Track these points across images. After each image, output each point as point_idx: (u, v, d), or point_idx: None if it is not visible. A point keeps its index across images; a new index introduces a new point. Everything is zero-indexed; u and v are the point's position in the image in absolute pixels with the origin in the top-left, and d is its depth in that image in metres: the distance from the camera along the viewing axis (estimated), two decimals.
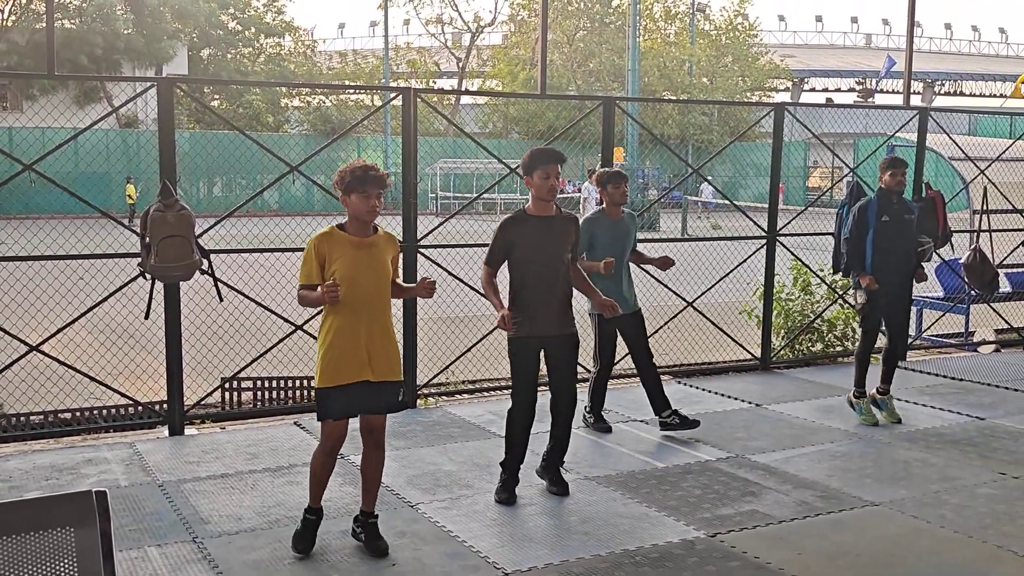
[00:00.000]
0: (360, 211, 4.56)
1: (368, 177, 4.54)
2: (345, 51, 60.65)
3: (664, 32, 51.95)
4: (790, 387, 8.51)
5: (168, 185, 6.43)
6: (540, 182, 5.26)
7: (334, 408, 4.60)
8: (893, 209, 7.11)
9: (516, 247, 5.30)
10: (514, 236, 5.30)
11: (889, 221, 7.08)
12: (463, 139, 35.28)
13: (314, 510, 4.76)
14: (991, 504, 5.53)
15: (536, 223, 5.33)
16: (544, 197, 5.30)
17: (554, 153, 5.33)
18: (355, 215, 4.59)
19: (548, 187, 5.26)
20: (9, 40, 37.44)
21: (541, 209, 5.34)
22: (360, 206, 4.55)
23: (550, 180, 5.25)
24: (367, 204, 4.54)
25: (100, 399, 7.56)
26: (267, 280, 8.97)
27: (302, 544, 4.71)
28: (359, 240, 4.61)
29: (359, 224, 4.62)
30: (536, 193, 5.31)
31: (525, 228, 5.31)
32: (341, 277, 4.50)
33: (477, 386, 8.40)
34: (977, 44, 77.76)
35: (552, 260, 5.35)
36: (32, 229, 12.22)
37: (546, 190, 5.27)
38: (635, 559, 4.69)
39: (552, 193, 5.28)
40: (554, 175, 5.26)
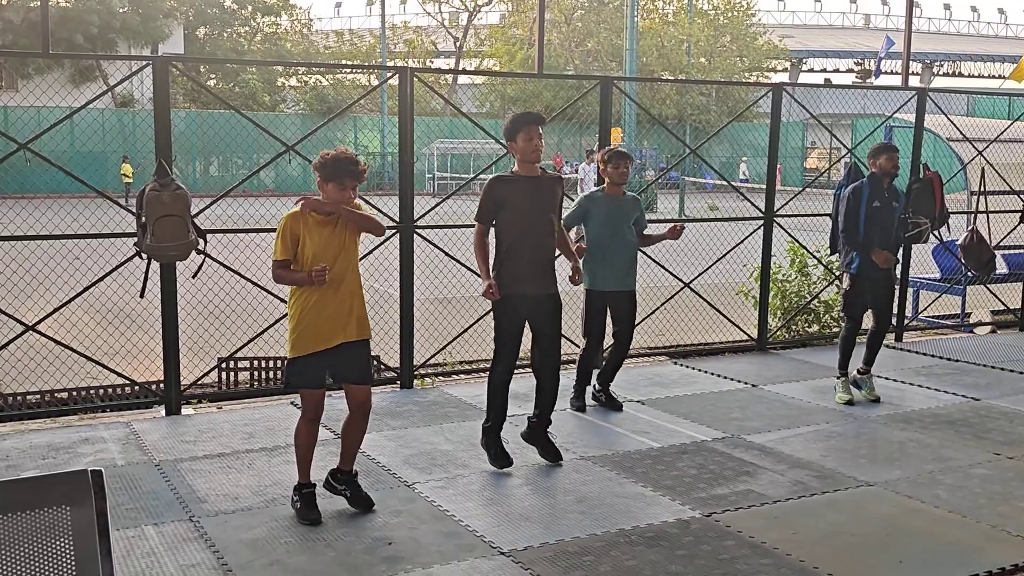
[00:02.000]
0: (336, 200, 4.74)
1: (347, 170, 4.72)
2: (342, 30, 60.38)
3: (662, 12, 51.72)
4: (786, 368, 8.53)
5: (164, 165, 6.41)
6: (524, 144, 5.37)
7: (308, 377, 4.81)
8: (883, 195, 7.19)
9: (505, 205, 5.41)
10: (502, 194, 5.41)
11: (879, 207, 7.16)
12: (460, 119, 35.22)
13: (306, 484, 4.92)
14: (986, 484, 5.56)
15: (524, 182, 5.45)
16: (529, 159, 5.40)
17: (533, 115, 5.47)
18: (328, 199, 4.76)
19: (532, 148, 5.37)
20: (4, 19, 37.20)
21: (527, 171, 5.45)
22: (336, 196, 4.73)
23: (533, 141, 5.36)
24: (343, 195, 4.73)
25: (97, 379, 7.56)
26: (263, 260, 8.95)
27: (312, 514, 4.84)
28: (324, 218, 4.78)
29: (332, 209, 4.78)
30: (521, 156, 5.42)
31: (513, 186, 5.43)
32: (313, 255, 4.69)
33: (473, 366, 8.41)
34: (976, 25, 77.50)
35: (539, 219, 5.46)
36: (28, 209, 12.19)
37: (531, 151, 5.37)
38: (630, 538, 4.71)
39: (536, 154, 5.39)
40: (536, 136, 5.37)
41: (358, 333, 4.85)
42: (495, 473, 5.62)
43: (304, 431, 4.92)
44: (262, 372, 8.21)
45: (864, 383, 7.44)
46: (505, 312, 5.50)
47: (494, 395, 5.64)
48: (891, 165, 7.20)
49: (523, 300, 5.47)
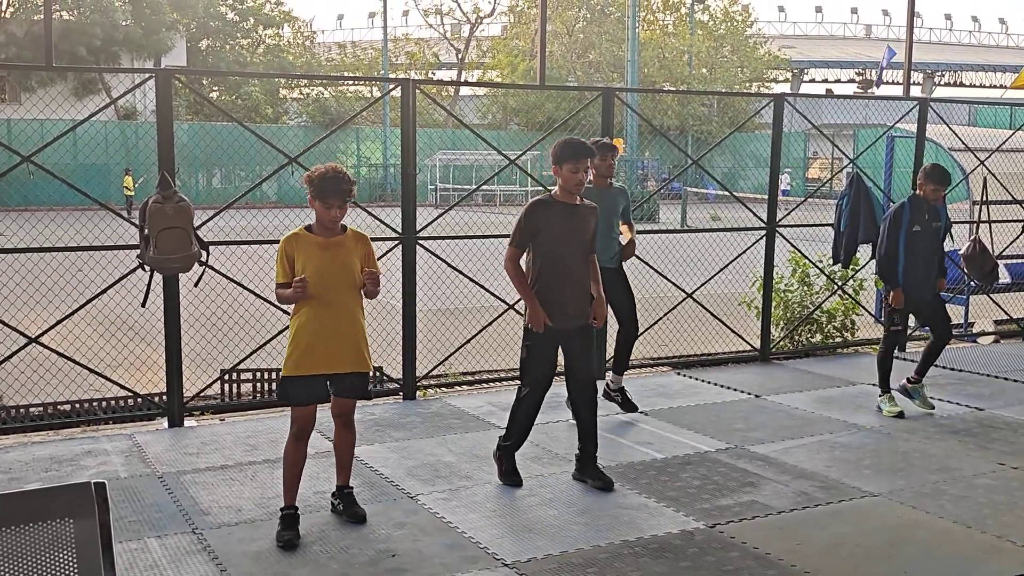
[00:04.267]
0: (322, 218, 4.75)
1: (329, 189, 4.67)
2: (344, 42, 60.56)
3: (663, 23, 51.88)
4: (789, 378, 8.52)
5: (167, 177, 6.42)
6: (569, 175, 5.30)
7: (299, 394, 4.76)
8: (924, 219, 7.15)
9: (542, 231, 5.34)
10: (540, 220, 5.33)
11: (920, 232, 7.13)
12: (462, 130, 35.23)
13: (290, 507, 4.82)
14: (990, 494, 5.54)
15: (562, 209, 5.38)
16: (571, 190, 5.35)
17: (585, 147, 5.36)
18: (319, 219, 4.76)
19: (576, 180, 5.30)
20: (7, 32, 37.34)
21: (566, 198, 5.39)
22: (322, 214, 4.73)
23: (579, 174, 5.29)
24: (328, 214, 4.71)
25: (100, 391, 7.56)
26: (266, 272, 8.96)
27: (287, 534, 4.71)
28: (325, 241, 4.77)
29: (324, 230, 4.78)
30: (564, 184, 5.35)
31: (551, 213, 5.35)
32: (308, 275, 4.66)
33: (476, 377, 8.40)
34: (977, 35, 77.68)
35: (574, 247, 5.41)
36: (31, 221, 12.22)
37: (574, 183, 5.31)
38: (634, 550, 4.70)
39: (580, 187, 5.33)
40: (583, 169, 5.31)
41: (355, 366, 4.80)
42: (499, 485, 5.61)
43: (291, 449, 4.82)
44: (265, 384, 8.20)
45: (917, 393, 7.38)
46: (540, 341, 5.39)
47: (522, 419, 5.52)
48: (935, 198, 7.18)
49: (555, 329, 5.39)
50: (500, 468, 5.62)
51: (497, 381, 8.28)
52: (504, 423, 6.77)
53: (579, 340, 5.50)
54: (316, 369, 4.73)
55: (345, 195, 4.72)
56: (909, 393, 7.43)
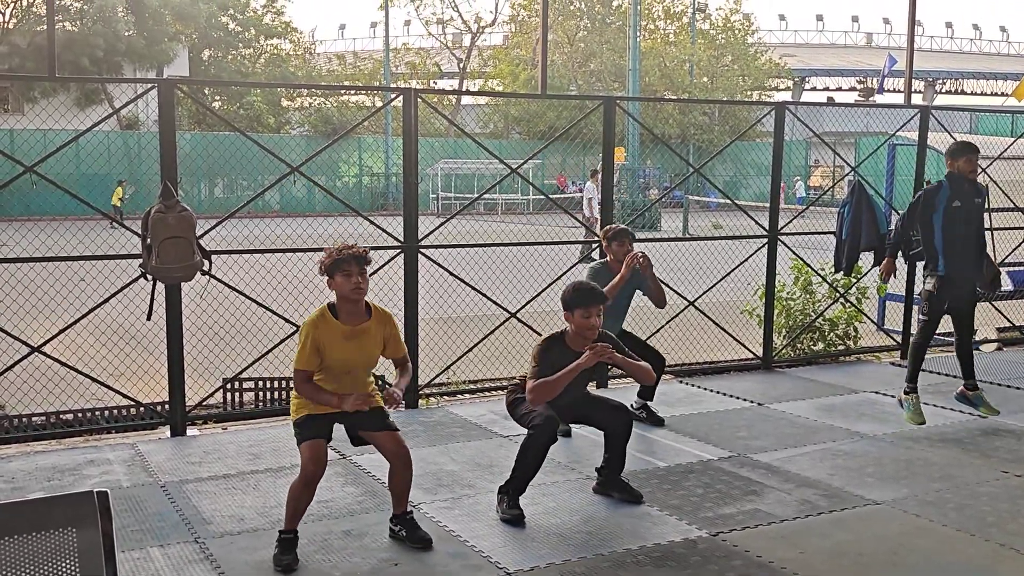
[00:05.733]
0: (345, 291, 4.61)
1: (345, 257, 4.59)
2: (345, 52, 60.70)
3: (664, 32, 51.97)
4: (792, 386, 8.51)
5: (169, 186, 6.44)
6: (581, 321, 5.21)
7: (314, 431, 4.61)
8: (964, 193, 6.92)
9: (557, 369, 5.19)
10: (557, 360, 5.21)
11: (960, 206, 6.90)
12: (464, 139, 35.29)
13: (290, 531, 4.68)
14: (993, 502, 5.53)
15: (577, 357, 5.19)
16: (585, 335, 5.24)
17: (595, 293, 5.27)
18: (341, 295, 4.65)
19: (589, 326, 5.21)
20: (10, 42, 37.45)
21: (580, 345, 5.24)
22: (344, 286, 4.60)
23: (591, 319, 5.20)
24: (350, 283, 4.59)
25: (102, 400, 7.56)
26: (268, 281, 8.97)
27: (284, 559, 4.57)
28: (351, 329, 4.66)
29: (349, 306, 4.66)
30: (576, 331, 5.25)
31: (567, 357, 5.21)
32: (332, 363, 4.62)
33: (479, 386, 8.40)
34: (978, 43, 77.74)
35: (585, 384, 5.47)
36: (34, 231, 12.23)
37: (587, 328, 5.22)
38: (637, 558, 4.69)
39: (593, 332, 5.23)
40: (595, 314, 5.21)
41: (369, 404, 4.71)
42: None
43: (298, 491, 4.60)
44: (267, 392, 8.20)
45: (979, 400, 7.30)
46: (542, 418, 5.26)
47: (530, 461, 5.26)
48: (970, 168, 6.93)
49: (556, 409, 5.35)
50: (502, 505, 5.29)
51: (499, 390, 8.27)
52: (506, 431, 6.78)
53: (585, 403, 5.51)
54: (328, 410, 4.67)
55: (364, 260, 4.62)
56: (971, 401, 7.33)
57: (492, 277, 9.36)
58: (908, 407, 7.15)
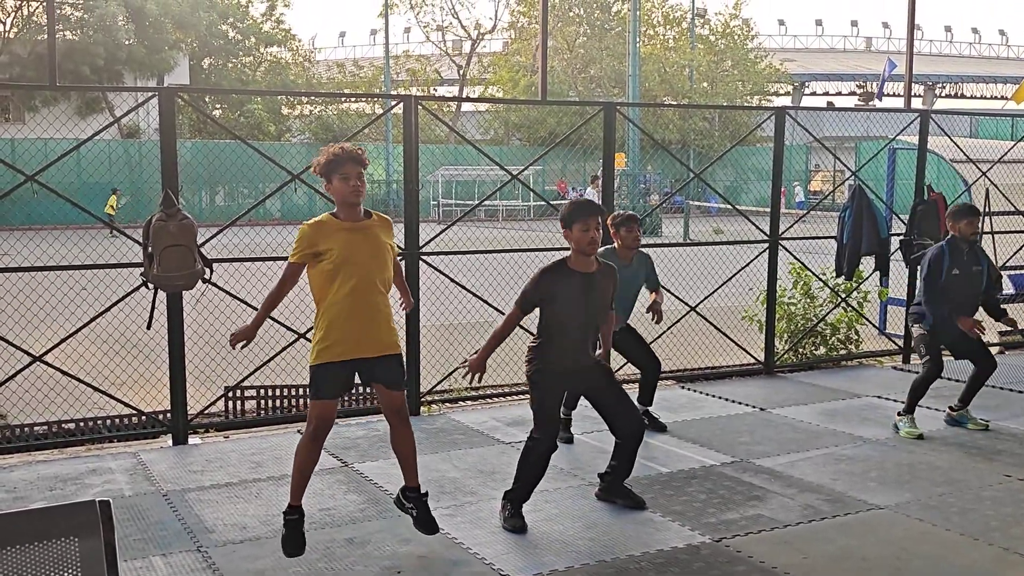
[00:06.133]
0: (343, 193, 4.55)
1: (343, 157, 4.52)
2: (346, 60, 60.78)
3: (664, 38, 52.02)
4: (794, 391, 8.50)
5: (170, 195, 6.44)
6: (580, 235, 5.05)
7: (327, 388, 4.58)
8: (963, 261, 7.00)
9: (554, 301, 5.11)
10: (553, 289, 5.09)
11: (959, 274, 6.98)
12: (464, 146, 35.33)
13: (294, 509, 4.65)
14: (997, 506, 5.52)
15: (579, 279, 5.10)
16: (585, 251, 5.09)
17: (593, 205, 5.19)
18: (340, 199, 4.59)
19: (588, 239, 5.05)
20: (11, 52, 37.51)
21: (582, 264, 5.13)
22: (342, 188, 4.54)
23: (590, 232, 5.05)
24: (348, 186, 4.53)
25: (104, 409, 7.56)
26: (270, 289, 8.95)
27: (292, 546, 4.60)
28: (352, 224, 4.60)
29: (348, 209, 4.61)
30: (576, 247, 5.09)
31: (567, 283, 5.10)
32: (336, 257, 4.50)
33: (481, 393, 8.39)
34: (977, 46, 77.84)
35: (589, 318, 5.18)
36: (35, 240, 12.23)
37: (586, 243, 5.06)
38: (640, 565, 4.68)
39: (593, 246, 5.09)
40: (594, 227, 5.06)
41: (389, 348, 4.65)
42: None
43: (305, 449, 4.60)
44: (269, 401, 8.20)
45: (965, 418, 7.27)
46: (544, 383, 5.19)
47: (532, 468, 5.18)
48: (971, 231, 7.00)
49: (562, 375, 5.21)
50: (504, 514, 5.27)
51: (501, 396, 8.27)
52: (508, 438, 6.78)
53: (598, 382, 5.29)
54: (347, 355, 4.56)
55: (360, 161, 4.56)
56: (957, 421, 7.31)
57: (493, 283, 9.35)
58: (904, 424, 7.14)
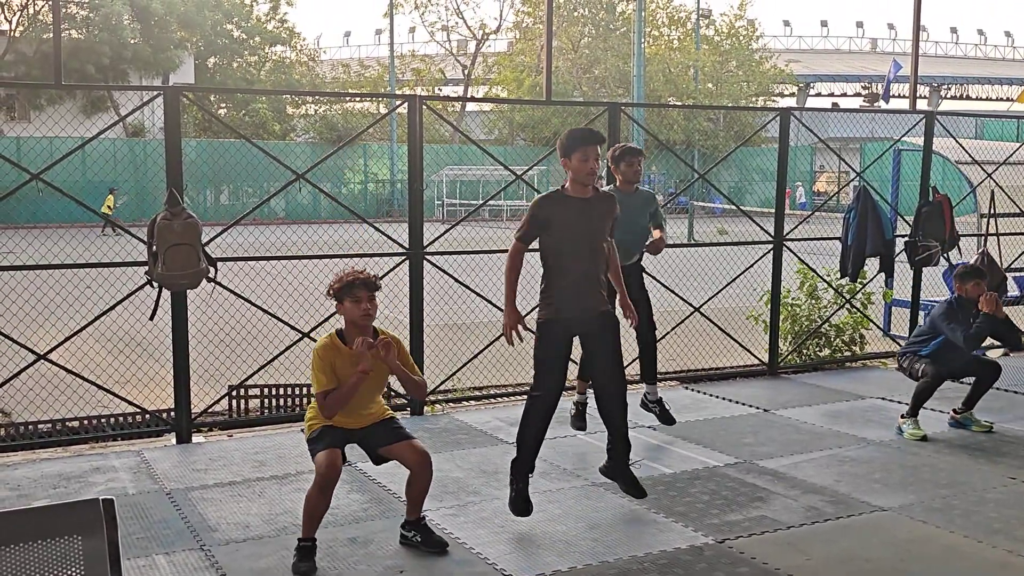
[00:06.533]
0: (354, 316, 4.63)
1: (356, 282, 4.61)
2: (351, 59, 60.81)
3: (669, 38, 52.01)
4: (798, 392, 8.49)
5: (175, 193, 6.45)
6: (579, 164, 5.02)
7: (329, 439, 4.62)
8: (968, 322, 7.01)
9: (551, 227, 5.05)
10: (550, 215, 5.04)
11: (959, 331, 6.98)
12: (469, 146, 35.34)
13: (308, 539, 4.68)
14: (1000, 509, 5.51)
15: (575, 204, 5.06)
16: (583, 180, 5.05)
17: (593, 134, 5.09)
18: (350, 320, 4.67)
19: (587, 169, 5.02)
20: (17, 51, 37.59)
21: (579, 191, 5.10)
22: (353, 311, 4.63)
23: (589, 162, 5.01)
24: (359, 309, 4.61)
25: (108, 407, 7.57)
26: (274, 287, 8.98)
27: (302, 566, 4.59)
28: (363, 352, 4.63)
29: (357, 331, 4.67)
30: (574, 175, 5.05)
31: (562, 208, 5.06)
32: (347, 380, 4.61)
33: (484, 393, 8.40)
34: (983, 48, 77.71)
35: (589, 243, 5.09)
36: (40, 238, 12.26)
37: (585, 172, 5.02)
38: (643, 565, 4.68)
39: (592, 175, 5.05)
40: (593, 156, 5.02)
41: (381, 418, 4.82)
42: (507, 501, 5.58)
43: (314, 498, 4.58)
44: (273, 400, 8.21)
45: (968, 420, 7.26)
46: (548, 335, 5.09)
47: (528, 425, 5.15)
48: (978, 293, 7.02)
49: (569, 323, 5.11)
50: (511, 492, 5.26)
51: (505, 396, 8.27)
52: (511, 438, 6.76)
53: (598, 330, 5.16)
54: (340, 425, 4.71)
55: (372, 286, 4.64)
56: (961, 423, 7.30)
57: (497, 283, 9.33)
58: (908, 426, 7.12)
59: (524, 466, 5.24)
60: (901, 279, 10.11)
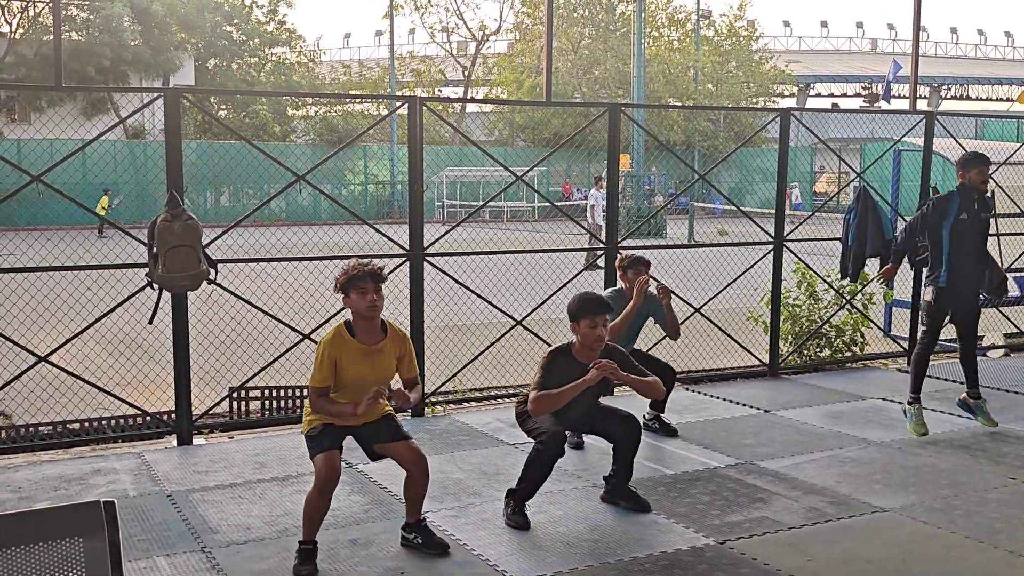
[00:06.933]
0: (360, 308, 4.62)
1: (362, 274, 4.60)
2: (351, 61, 60.83)
3: (669, 39, 52.02)
4: (798, 393, 8.49)
5: (175, 195, 6.45)
6: (587, 331, 5.17)
7: (327, 440, 4.62)
8: (973, 208, 6.92)
9: (562, 382, 5.14)
10: (559, 372, 5.18)
11: (967, 219, 6.89)
12: (469, 147, 35.36)
13: (308, 541, 4.68)
14: (1002, 509, 5.51)
15: (581, 372, 5.16)
16: (592, 347, 5.20)
17: (601, 303, 5.25)
18: (357, 312, 4.66)
19: (595, 336, 5.17)
20: (17, 53, 37.61)
21: (587, 357, 5.21)
22: (360, 303, 4.62)
23: (597, 330, 5.16)
24: (365, 300, 4.60)
25: (108, 409, 7.57)
26: (274, 289, 8.98)
27: (303, 569, 4.58)
28: (367, 348, 4.67)
29: (365, 324, 4.67)
30: (583, 341, 5.21)
31: (570, 370, 5.18)
32: (349, 381, 4.62)
33: (485, 394, 8.40)
34: (983, 48, 77.73)
35: (594, 397, 5.37)
36: (40, 240, 12.26)
37: (593, 339, 5.17)
38: (644, 566, 4.68)
39: (599, 343, 5.19)
40: (601, 324, 5.17)
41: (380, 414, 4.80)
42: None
43: (313, 501, 4.59)
44: (273, 401, 8.21)
45: (979, 409, 7.26)
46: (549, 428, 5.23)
47: (537, 472, 5.21)
48: (981, 179, 6.91)
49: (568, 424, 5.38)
50: (507, 510, 5.30)
51: (505, 397, 8.27)
52: (512, 439, 6.78)
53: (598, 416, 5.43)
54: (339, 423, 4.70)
55: (379, 277, 4.64)
56: (971, 409, 7.29)
57: (498, 285, 9.35)
58: (911, 417, 7.12)
59: (525, 500, 5.30)
60: (901, 279, 10.09)
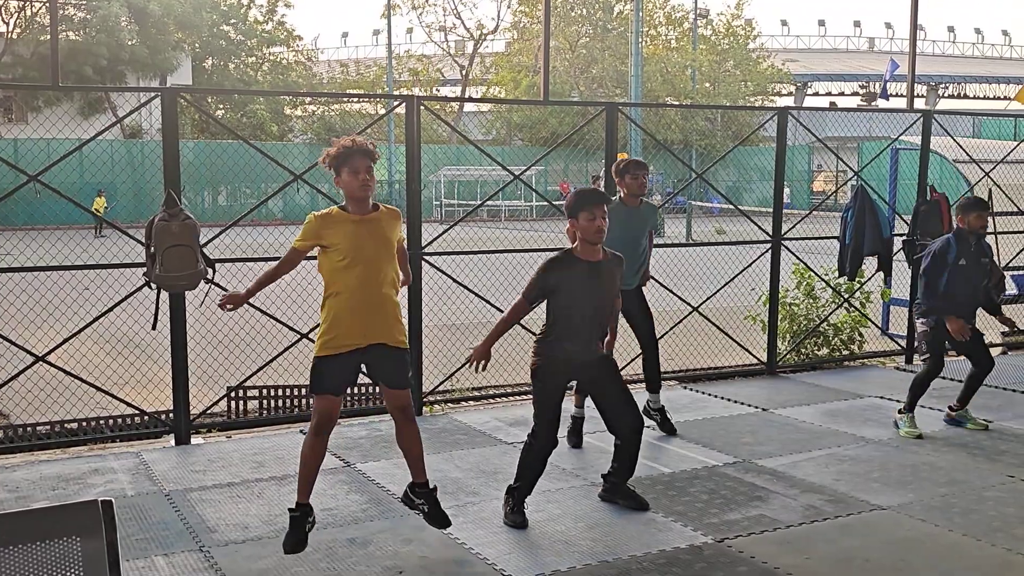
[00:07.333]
0: (352, 186, 4.53)
1: (353, 150, 4.50)
2: (348, 60, 60.79)
3: (666, 38, 52.02)
4: (796, 391, 8.50)
5: (173, 195, 6.44)
6: (586, 223, 4.98)
7: (329, 381, 4.55)
8: (970, 253, 6.95)
9: (560, 292, 5.04)
10: (558, 280, 5.03)
11: (965, 265, 6.92)
12: (467, 146, 35.33)
13: (301, 506, 4.63)
14: (1000, 507, 5.51)
15: (584, 268, 5.04)
16: (591, 239, 5.02)
17: (598, 194, 5.14)
18: (348, 193, 4.57)
19: (595, 228, 4.98)
20: (14, 52, 37.56)
21: (589, 253, 5.07)
22: (351, 183, 4.52)
23: (596, 221, 4.97)
24: (357, 180, 4.50)
25: (106, 409, 7.56)
26: (272, 289, 8.96)
27: (291, 543, 4.57)
28: (360, 217, 4.57)
29: (356, 203, 4.59)
30: (583, 235, 5.02)
31: (572, 273, 5.04)
32: (344, 248, 4.49)
33: (483, 393, 8.39)
34: (980, 47, 77.79)
35: (597, 308, 5.11)
36: (38, 240, 12.26)
37: (593, 231, 4.98)
38: (642, 565, 4.68)
39: (599, 235, 5.01)
40: (600, 215, 4.99)
41: (395, 340, 4.61)
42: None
43: (308, 444, 4.58)
44: (271, 401, 8.21)
45: (964, 418, 7.26)
46: (547, 375, 5.11)
47: (530, 466, 5.18)
48: (980, 224, 6.93)
49: (568, 364, 5.14)
50: (506, 509, 5.29)
51: (503, 396, 8.27)
52: (510, 438, 6.78)
53: (599, 374, 5.24)
54: (351, 342, 4.52)
55: (371, 155, 4.53)
56: (957, 421, 7.30)
57: (495, 283, 9.35)
58: (904, 423, 7.12)
59: (523, 497, 5.28)
60: (899, 278, 10.12)
